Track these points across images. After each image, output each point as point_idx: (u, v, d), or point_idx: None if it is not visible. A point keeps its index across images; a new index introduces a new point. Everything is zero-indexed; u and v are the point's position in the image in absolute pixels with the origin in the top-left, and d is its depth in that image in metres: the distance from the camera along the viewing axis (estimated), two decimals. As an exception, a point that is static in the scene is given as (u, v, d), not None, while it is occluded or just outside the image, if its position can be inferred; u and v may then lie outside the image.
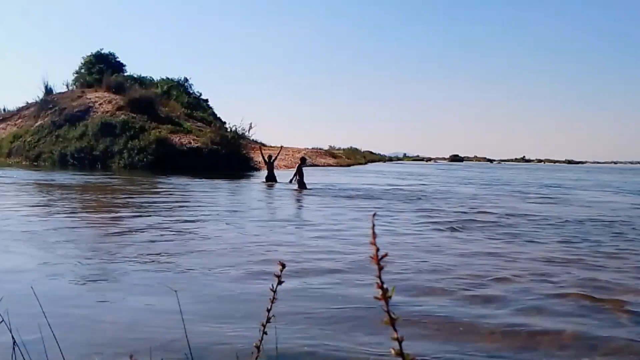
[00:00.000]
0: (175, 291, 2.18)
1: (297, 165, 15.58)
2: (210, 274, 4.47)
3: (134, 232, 6.57)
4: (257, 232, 6.93)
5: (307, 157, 17.57)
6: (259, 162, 27.19)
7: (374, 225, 0.71)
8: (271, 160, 16.80)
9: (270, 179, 16.42)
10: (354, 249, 5.72)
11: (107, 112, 27.49)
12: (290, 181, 15.24)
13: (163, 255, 5.18)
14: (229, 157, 24.23)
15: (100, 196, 12.02)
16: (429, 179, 24.42)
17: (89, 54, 35.17)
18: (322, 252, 5.56)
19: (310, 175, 16.78)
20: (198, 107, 37.12)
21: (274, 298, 1.27)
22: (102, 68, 33.14)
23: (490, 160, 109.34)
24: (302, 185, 14.48)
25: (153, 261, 4.91)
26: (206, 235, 6.57)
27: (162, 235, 6.40)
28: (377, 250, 0.71)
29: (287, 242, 6.22)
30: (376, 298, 0.71)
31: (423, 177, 27.20)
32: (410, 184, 20.00)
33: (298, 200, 12.24)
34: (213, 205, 10.17)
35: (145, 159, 23.93)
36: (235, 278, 4.36)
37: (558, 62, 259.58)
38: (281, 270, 1.22)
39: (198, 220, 7.98)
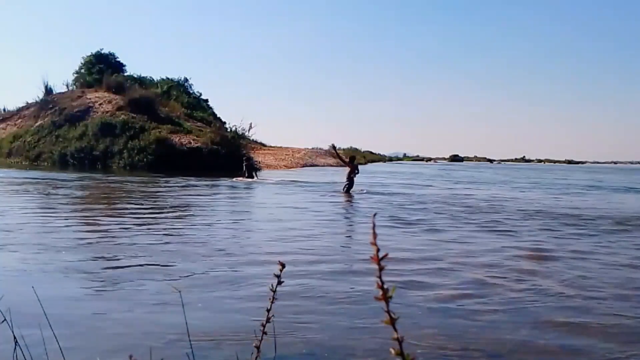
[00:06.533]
0: (179, 291, 2.18)
1: (350, 167, 13.52)
2: (213, 275, 4.47)
3: (136, 234, 6.56)
4: (264, 236, 6.91)
5: (355, 156, 15.02)
6: (259, 163, 27.14)
7: (374, 225, 0.71)
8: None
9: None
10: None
11: (107, 112, 27.49)
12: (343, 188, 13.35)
13: (166, 256, 5.17)
14: (229, 157, 24.22)
15: (101, 197, 12.02)
16: (489, 185, 20.13)
17: (89, 54, 35.08)
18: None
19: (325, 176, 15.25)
20: (198, 107, 37.07)
21: (273, 298, 1.27)
22: (102, 68, 33.09)
23: (491, 160, 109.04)
24: (350, 187, 13.25)
25: (156, 262, 4.91)
26: (209, 236, 6.56)
27: (164, 236, 6.40)
28: (378, 250, 0.71)
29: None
30: (376, 298, 0.71)
31: (474, 180, 23.51)
32: (494, 191, 16.33)
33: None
34: (215, 207, 10.17)
35: (145, 159, 23.93)
36: (239, 279, 4.36)
37: (558, 62, 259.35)
38: (281, 270, 1.23)
39: (201, 221, 7.98)
